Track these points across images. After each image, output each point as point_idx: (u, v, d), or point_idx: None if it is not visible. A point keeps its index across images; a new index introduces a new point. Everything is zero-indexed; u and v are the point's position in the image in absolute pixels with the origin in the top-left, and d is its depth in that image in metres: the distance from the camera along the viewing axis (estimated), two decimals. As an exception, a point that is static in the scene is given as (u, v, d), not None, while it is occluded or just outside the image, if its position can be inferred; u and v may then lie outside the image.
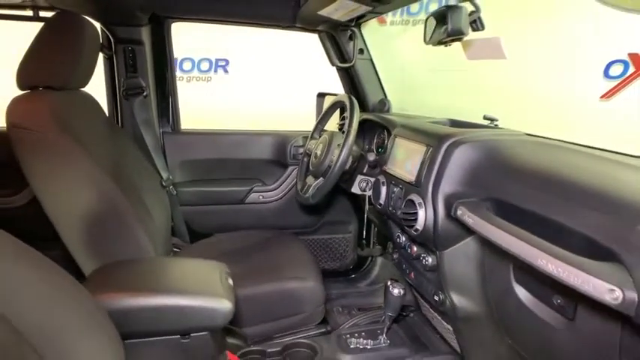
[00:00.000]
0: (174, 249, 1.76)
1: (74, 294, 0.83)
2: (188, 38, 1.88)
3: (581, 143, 1.05)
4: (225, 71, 4.03)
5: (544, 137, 1.15)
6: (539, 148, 1.01)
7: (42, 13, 1.57)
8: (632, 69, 1.74)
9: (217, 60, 3.96)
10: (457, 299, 1.13)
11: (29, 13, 1.59)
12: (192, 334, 1.03)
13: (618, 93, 2.03)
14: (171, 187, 1.79)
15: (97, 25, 1.57)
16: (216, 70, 3.99)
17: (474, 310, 1.12)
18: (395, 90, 2.03)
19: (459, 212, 0.96)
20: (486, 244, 0.99)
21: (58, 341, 0.69)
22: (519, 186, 0.88)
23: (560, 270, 0.68)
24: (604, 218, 0.69)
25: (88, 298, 0.85)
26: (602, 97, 2.03)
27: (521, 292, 0.94)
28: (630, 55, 1.70)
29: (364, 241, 2.09)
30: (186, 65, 3.75)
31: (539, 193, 0.83)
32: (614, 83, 1.97)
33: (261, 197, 1.99)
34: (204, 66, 3.95)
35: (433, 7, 2.39)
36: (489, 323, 1.12)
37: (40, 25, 1.26)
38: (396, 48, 2.59)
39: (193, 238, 1.89)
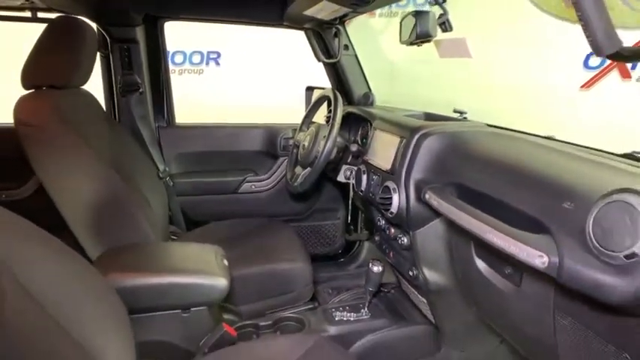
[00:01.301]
0: (172, 236, 1.87)
1: (86, 273, 0.94)
2: (179, 30, 1.96)
3: (532, 133, 1.18)
4: (217, 64, 4.06)
5: (503, 128, 1.28)
6: (495, 138, 1.14)
7: (40, 14, 1.67)
8: (608, 60, 1.86)
9: (209, 52, 3.99)
10: (429, 274, 1.26)
11: (28, 14, 1.68)
12: (192, 309, 1.15)
13: (597, 83, 2.16)
14: (167, 178, 1.90)
15: (93, 25, 1.66)
16: (207, 63, 4.02)
17: (443, 282, 1.26)
18: (383, 80, 2.14)
19: (427, 196, 1.09)
20: (451, 224, 1.12)
21: (75, 315, 0.78)
22: (476, 172, 1.01)
23: (504, 242, 0.81)
24: (539, 198, 0.81)
25: (98, 277, 0.96)
26: (582, 86, 2.16)
27: (481, 265, 1.07)
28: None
29: (352, 227, 2.22)
30: (178, 58, 3.77)
31: (491, 178, 0.95)
32: (593, 73, 2.10)
33: (253, 187, 2.10)
34: (196, 58, 3.98)
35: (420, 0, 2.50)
36: (457, 294, 1.26)
37: (36, 25, 1.35)
38: (383, 40, 2.70)
39: (190, 226, 2.01)
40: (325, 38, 1.95)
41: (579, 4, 0.56)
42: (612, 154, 0.97)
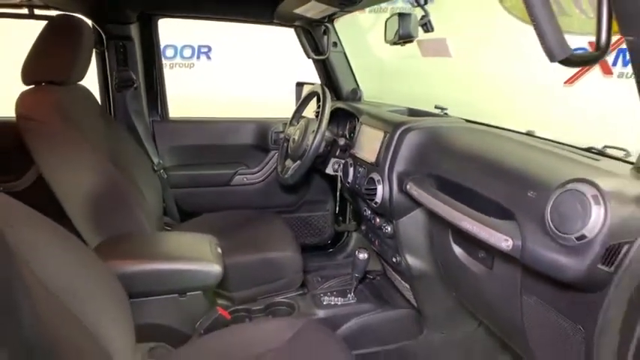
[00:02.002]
0: (166, 227, 1.93)
1: (90, 260, 1.00)
2: (170, 24, 2.00)
3: (507, 128, 1.27)
4: (208, 58, 4.08)
5: (480, 123, 1.36)
6: (470, 133, 1.22)
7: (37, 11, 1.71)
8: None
9: (200, 47, 4.01)
10: (411, 260, 1.35)
11: (25, 11, 1.72)
12: (188, 294, 1.22)
13: (580, 78, 2.26)
14: (162, 171, 1.96)
15: (89, 22, 1.70)
16: (198, 57, 4.04)
17: (424, 268, 1.35)
18: (373, 76, 2.20)
19: (408, 187, 1.17)
20: (431, 213, 1.20)
21: (82, 301, 0.83)
22: (452, 164, 1.09)
23: (476, 228, 0.89)
24: (507, 187, 0.90)
25: (100, 263, 1.02)
26: (565, 82, 2.25)
27: (458, 251, 1.16)
28: (590, 42, 1.89)
29: (340, 218, 2.30)
30: (169, 52, 3.76)
31: (466, 170, 1.03)
32: (575, 70, 2.18)
33: (245, 179, 2.17)
34: (187, 53, 3.98)
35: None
36: (438, 279, 1.35)
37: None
38: (372, 36, 2.76)
39: (183, 218, 2.07)
40: (315, 36, 2.01)
41: (534, 16, 0.63)
42: (576, 147, 1.05)
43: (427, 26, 1.31)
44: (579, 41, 1.69)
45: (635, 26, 0.62)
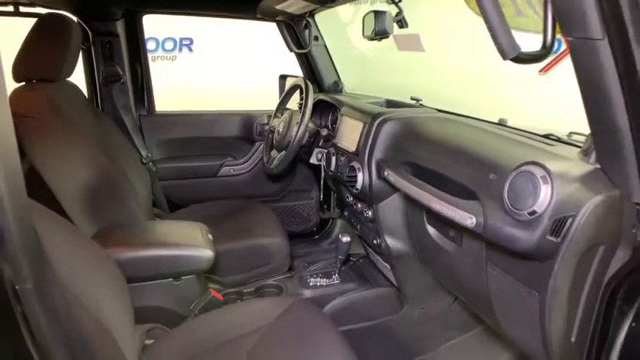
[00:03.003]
0: (156, 218, 1.99)
1: (90, 247, 1.06)
2: (152, 17, 2.04)
3: (475, 117, 1.37)
4: (190, 50, 4.10)
5: (451, 113, 1.46)
6: (441, 123, 1.32)
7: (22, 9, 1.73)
8: (563, 45, 2.06)
9: (182, 39, 4.02)
10: (390, 242, 1.45)
11: (10, 8, 1.74)
12: (182, 278, 1.31)
13: (554, 67, 2.36)
14: (150, 163, 2.02)
15: (74, 18, 1.74)
16: (180, 49, 4.05)
17: (403, 249, 1.45)
18: (355, 67, 2.27)
19: (385, 173, 1.27)
20: (407, 197, 1.30)
21: (84, 285, 0.87)
22: (425, 152, 1.19)
23: (445, 208, 1.00)
24: (472, 171, 1.00)
25: (100, 250, 1.09)
26: (540, 71, 2.36)
27: (432, 231, 1.26)
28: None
29: (325, 206, 2.39)
30: (151, 45, 3.76)
31: (437, 156, 1.13)
32: (550, 58, 2.29)
33: (232, 170, 2.24)
34: (169, 45, 3.99)
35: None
36: (415, 259, 1.46)
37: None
38: (354, 28, 2.82)
39: (172, 209, 2.13)
40: (296, 30, 2.08)
41: (488, 21, 0.73)
42: (536, 134, 1.16)
43: (402, 22, 1.40)
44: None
45: (574, 28, 0.72)
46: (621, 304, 0.82)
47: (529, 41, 0.82)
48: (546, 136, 1.14)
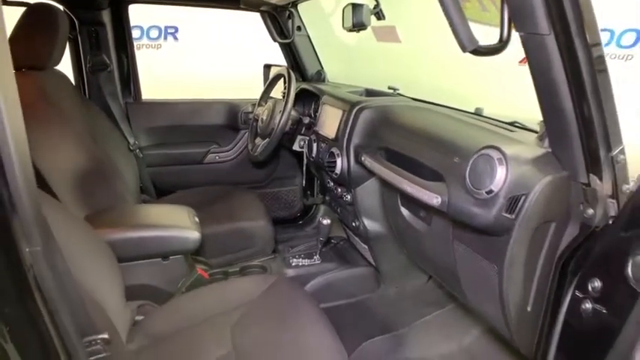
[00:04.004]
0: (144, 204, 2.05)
1: (82, 228, 1.12)
2: (136, 5, 2.07)
3: (444, 105, 1.46)
4: (175, 38, 4.09)
5: (425, 102, 1.55)
6: (415, 111, 1.40)
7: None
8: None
9: (167, 27, 4.00)
10: (368, 223, 1.54)
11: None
12: (170, 257, 1.38)
13: None
14: (137, 150, 2.06)
15: (62, 8, 1.77)
16: (165, 38, 4.04)
17: (379, 230, 1.54)
18: (337, 57, 2.33)
19: (362, 159, 1.34)
20: (383, 181, 1.39)
21: (77, 264, 0.90)
22: (399, 138, 1.27)
23: (414, 190, 1.08)
24: (439, 155, 1.08)
25: (92, 231, 1.15)
26: (520, 62, 2.44)
27: (405, 212, 1.35)
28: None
29: (308, 192, 2.47)
30: (135, 33, 3.69)
31: (409, 142, 1.22)
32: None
33: (217, 157, 2.29)
34: (154, 33, 3.97)
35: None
36: (391, 239, 1.55)
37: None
38: (337, 19, 2.87)
39: (159, 195, 2.19)
40: (280, 20, 2.13)
41: (448, 16, 0.80)
42: (502, 122, 1.25)
43: (379, 15, 1.47)
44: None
45: (525, 24, 0.80)
46: (571, 276, 0.91)
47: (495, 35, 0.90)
48: (511, 124, 1.23)
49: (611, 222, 0.84)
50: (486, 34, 0.87)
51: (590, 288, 0.79)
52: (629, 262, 0.71)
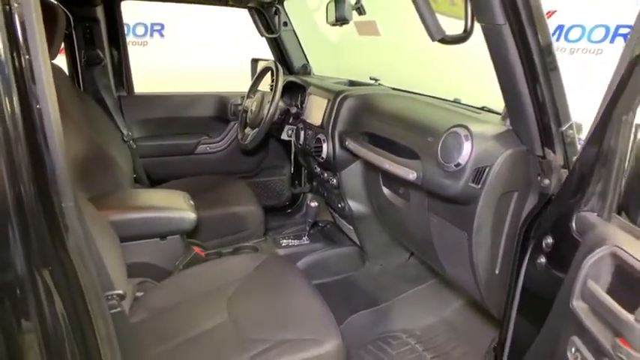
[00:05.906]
0: (138, 193, 2.12)
1: (89, 209, 1.20)
2: (123, 2, 2.12)
3: (421, 93, 1.57)
4: (161, 35, 4.12)
5: (403, 90, 1.66)
6: (393, 98, 1.52)
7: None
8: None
9: (153, 24, 4.03)
10: (352, 204, 1.65)
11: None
12: (168, 237, 1.47)
13: None
14: (131, 141, 2.14)
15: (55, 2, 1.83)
16: (152, 35, 4.06)
17: (363, 211, 1.66)
18: (322, 51, 2.43)
19: (347, 143, 1.45)
20: (366, 163, 1.50)
21: (88, 245, 1.04)
22: (380, 123, 1.38)
23: (393, 167, 1.19)
24: (415, 136, 1.20)
25: (95, 211, 1.23)
26: None
27: (387, 192, 1.47)
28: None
29: (296, 182, 2.57)
30: None
31: (389, 126, 1.33)
32: None
33: (208, 148, 2.38)
34: (140, 30, 3.98)
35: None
36: (375, 220, 1.66)
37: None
38: (321, 15, 2.97)
39: (153, 185, 2.26)
40: (267, 16, 2.23)
41: (418, 8, 0.91)
42: (473, 107, 1.37)
43: (360, 10, 1.57)
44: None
45: (484, 16, 0.92)
46: (532, 240, 1.03)
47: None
48: (481, 108, 1.35)
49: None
50: (454, 26, 0.98)
51: (543, 245, 0.91)
52: (574, 217, 0.82)
